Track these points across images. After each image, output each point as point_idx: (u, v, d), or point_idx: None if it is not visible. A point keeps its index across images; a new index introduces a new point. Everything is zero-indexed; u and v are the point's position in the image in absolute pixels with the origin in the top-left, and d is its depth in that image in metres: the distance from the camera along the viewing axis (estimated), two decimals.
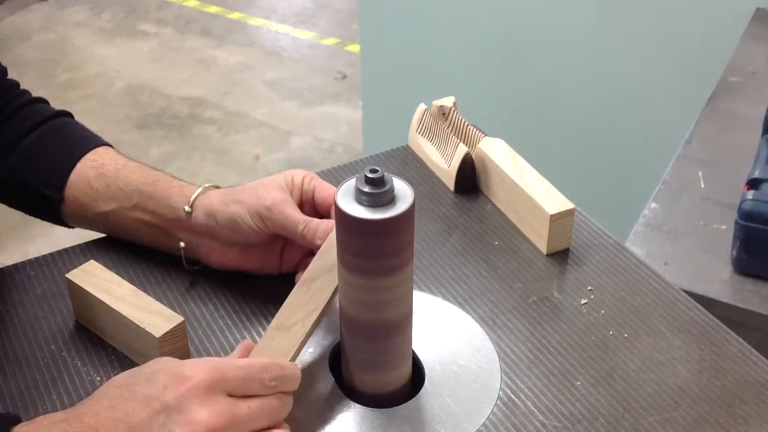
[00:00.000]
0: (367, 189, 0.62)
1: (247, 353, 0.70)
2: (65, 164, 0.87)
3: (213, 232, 0.81)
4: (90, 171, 0.87)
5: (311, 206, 0.82)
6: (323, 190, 0.82)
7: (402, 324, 0.69)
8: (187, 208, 0.81)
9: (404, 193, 0.64)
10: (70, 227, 0.92)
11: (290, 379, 0.66)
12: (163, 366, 0.63)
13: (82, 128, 0.93)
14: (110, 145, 0.92)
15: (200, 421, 0.60)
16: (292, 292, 0.73)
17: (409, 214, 0.64)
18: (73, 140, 0.90)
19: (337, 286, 0.71)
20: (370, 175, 0.62)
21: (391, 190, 0.63)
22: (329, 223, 0.76)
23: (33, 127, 0.90)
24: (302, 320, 0.71)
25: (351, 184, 0.64)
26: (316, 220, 0.78)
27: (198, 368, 0.63)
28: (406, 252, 0.65)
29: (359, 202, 0.63)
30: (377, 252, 0.64)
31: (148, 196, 0.84)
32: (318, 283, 0.73)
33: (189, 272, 0.85)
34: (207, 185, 0.84)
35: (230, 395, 0.63)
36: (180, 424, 0.60)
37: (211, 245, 0.82)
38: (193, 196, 0.82)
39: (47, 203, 0.88)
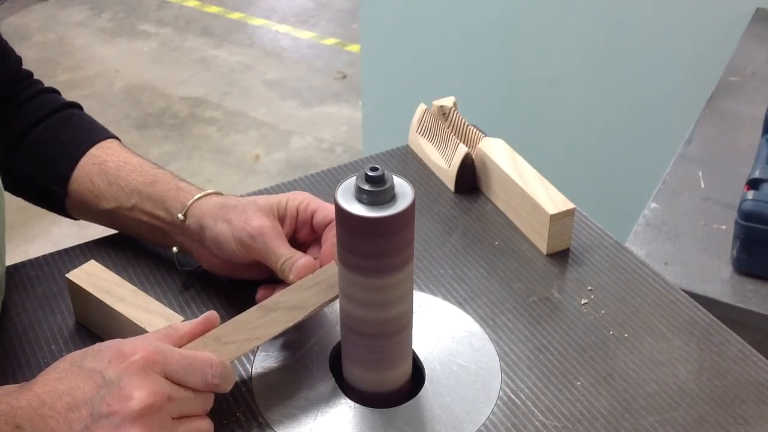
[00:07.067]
0: (367, 187, 0.62)
1: (208, 324, 0.69)
2: (69, 159, 0.87)
3: (203, 242, 0.81)
4: (92, 168, 0.87)
5: (308, 229, 0.81)
6: (322, 211, 0.80)
7: (402, 323, 0.69)
8: (180, 216, 0.81)
9: (404, 191, 0.64)
10: (76, 219, 0.92)
11: (229, 382, 0.67)
12: (112, 343, 0.65)
13: (89, 120, 0.93)
14: (116, 137, 0.91)
15: (135, 396, 0.61)
16: (247, 311, 0.72)
17: (409, 212, 0.64)
18: (78, 134, 0.90)
19: (287, 328, 0.71)
20: (371, 173, 0.62)
21: (392, 188, 0.63)
22: (307, 261, 0.75)
23: (41, 118, 0.90)
24: (241, 342, 0.69)
25: (351, 182, 0.64)
26: (297, 255, 0.76)
27: (141, 346, 0.63)
28: (406, 250, 0.65)
29: (359, 200, 0.63)
30: (377, 250, 0.64)
31: (146, 197, 0.84)
32: (275, 315, 0.72)
33: (189, 273, 0.85)
34: (207, 192, 0.82)
35: (168, 379, 0.63)
36: (117, 397, 0.61)
37: (203, 252, 0.82)
38: (188, 204, 0.81)
39: (52, 197, 0.89)
